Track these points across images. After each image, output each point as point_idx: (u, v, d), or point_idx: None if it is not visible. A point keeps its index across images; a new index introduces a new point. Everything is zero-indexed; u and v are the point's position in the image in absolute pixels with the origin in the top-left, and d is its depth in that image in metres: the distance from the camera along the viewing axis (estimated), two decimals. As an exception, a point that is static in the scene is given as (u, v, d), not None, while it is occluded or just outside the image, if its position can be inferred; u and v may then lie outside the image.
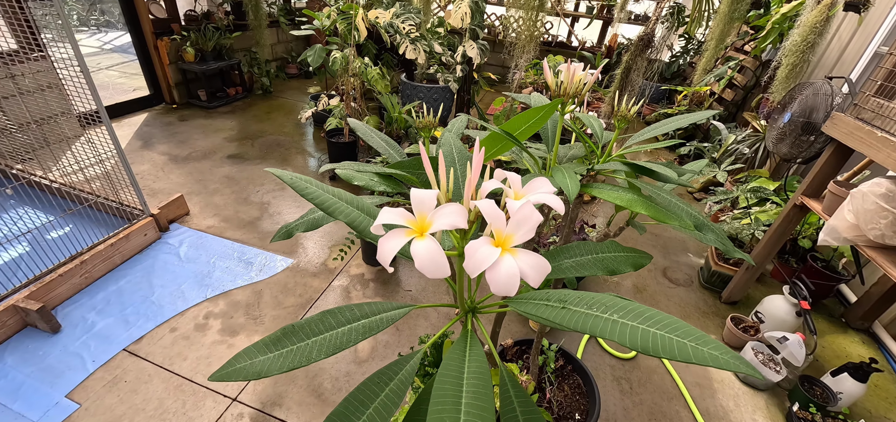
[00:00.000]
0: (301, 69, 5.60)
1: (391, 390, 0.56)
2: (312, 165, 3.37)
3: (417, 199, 0.44)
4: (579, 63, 0.93)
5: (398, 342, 1.87)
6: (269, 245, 2.39)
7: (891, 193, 1.54)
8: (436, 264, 0.40)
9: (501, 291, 0.40)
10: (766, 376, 1.83)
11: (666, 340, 0.41)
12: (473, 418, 0.42)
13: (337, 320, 0.61)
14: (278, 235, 0.87)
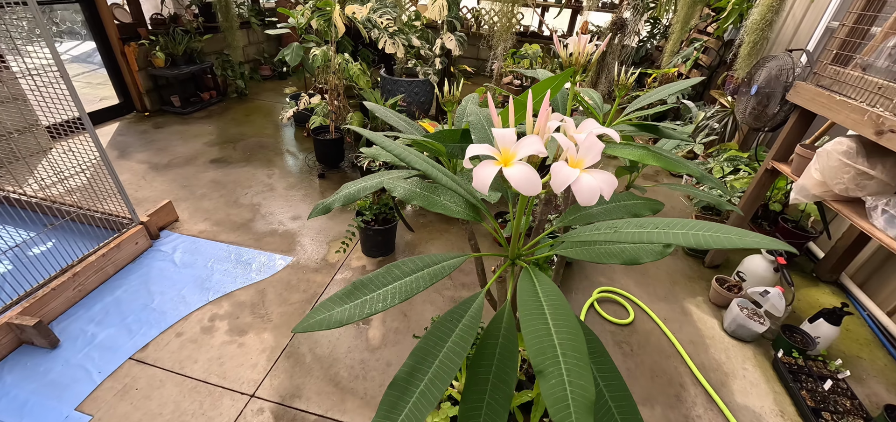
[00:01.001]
0: (275, 70, 5.50)
1: (464, 326, 0.61)
2: (298, 164, 3.34)
3: (500, 136, 0.49)
4: (586, 36, 1.00)
5: (408, 328, 1.91)
6: (266, 245, 2.38)
7: (851, 150, 1.70)
8: (530, 182, 0.46)
9: (586, 200, 0.46)
10: (751, 328, 1.98)
11: (721, 236, 0.48)
12: (560, 324, 0.48)
13: (402, 271, 0.65)
14: (316, 211, 0.90)
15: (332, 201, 0.89)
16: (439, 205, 0.76)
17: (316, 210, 0.90)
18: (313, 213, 0.90)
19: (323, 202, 0.90)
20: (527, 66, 3.71)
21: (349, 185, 0.92)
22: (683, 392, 1.77)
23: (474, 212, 0.74)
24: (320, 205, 0.90)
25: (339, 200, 0.88)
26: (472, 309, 0.64)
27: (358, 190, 0.89)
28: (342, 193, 0.90)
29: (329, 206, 0.89)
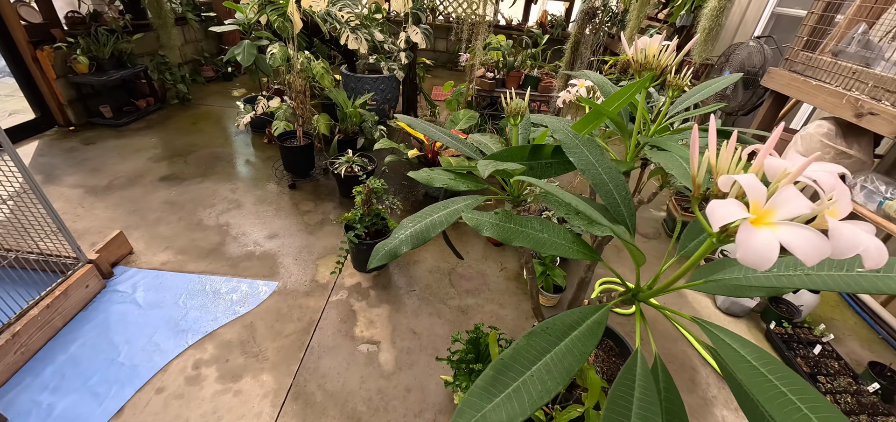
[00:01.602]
0: (219, 71, 5.02)
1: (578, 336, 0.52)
2: (263, 175, 3.05)
3: (751, 186, 0.40)
4: (644, 36, 0.94)
5: (420, 346, 1.79)
6: (244, 270, 2.13)
7: (831, 132, 1.81)
8: (818, 250, 0.36)
9: (873, 263, 0.36)
10: (743, 304, 2.07)
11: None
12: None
13: (547, 341, 0.55)
14: (378, 259, 0.77)
15: (397, 245, 0.76)
16: (536, 239, 0.66)
17: (376, 256, 0.77)
18: (374, 260, 0.76)
19: (386, 247, 0.76)
20: (498, 58, 3.65)
21: (412, 219, 0.79)
22: (697, 375, 1.81)
23: (588, 250, 0.65)
24: (382, 250, 0.76)
25: (407, 242, 0.75)
26: (592, 320, 0.55)
27: (428, 226, 0.77)
28: (407, 233, 0.77)
29: (395, 251, 0.75)
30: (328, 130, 3.25)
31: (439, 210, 0.78)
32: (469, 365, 1.48)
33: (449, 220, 0.76)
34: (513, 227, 0.67)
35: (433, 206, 0.80)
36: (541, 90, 3.54)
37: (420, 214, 0.79)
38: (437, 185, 0.86)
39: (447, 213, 0.77)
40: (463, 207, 0.78)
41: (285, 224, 2.51)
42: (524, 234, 0.65)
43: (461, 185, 0.89)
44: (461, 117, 3.23)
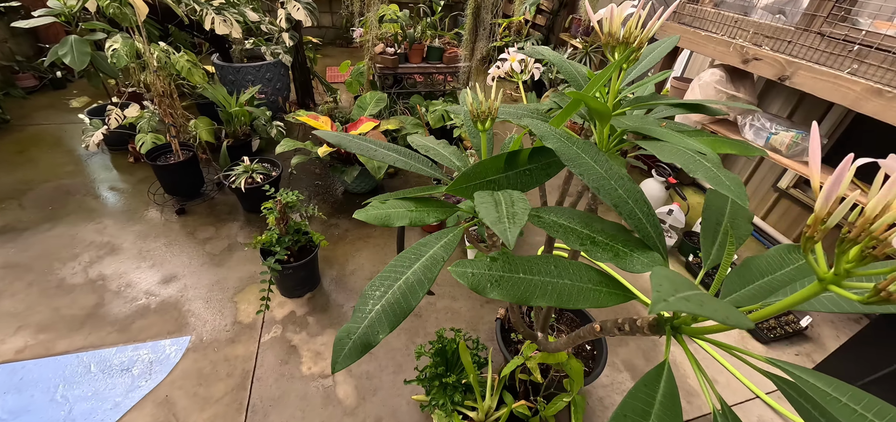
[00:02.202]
0: (44, 79, 3.94)
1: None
2: (137, 204, 2.50)
3: None
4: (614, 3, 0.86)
5: (380, 368, 1.64)
6: (140, 332, 1.72)
7: (722, 78, 2.01)
8: None
9: None
10: (666, 244, 2.29)
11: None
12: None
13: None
14: (346, 361, 0.58)
15: (366, 332, 0.60)
16: (559, 290, 0.56)
17: (342, 355, 0.59)
18: (341, 363, 0.59)
19: (353, 340, 0.58)
20: (396, 31, 3.41)
21: (378, 283, 0.63)
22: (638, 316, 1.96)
23: (623, 290, 0.57)
24: (348, 345, 0.59)
25: (382, 324, 0.58)
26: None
27: (405, 292, 0.61)
28: (377, 308, 0.60)
29: (368, 341, 0.59)
30: (212, 137, 2.77)
31: (410, 262, 0.63)
32: (442, 380, 1.39)
33: (430, 276, 0.61)
34: (523, 278, 0.55)
35: (400, 257, 0.64)
36: (446, 61, 3.43)
37: (387, 275, 0.61)
38: (398, 223, 0.71)
39: (424, 265, 0.62)
40: (442, 253, 0.64)
41: (183, 261, 2.09)
42: (542, 285, 0.54)
43: (428, 216, 0.74)
44: (369, 101, 2.99)
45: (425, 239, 0.67)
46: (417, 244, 0.66)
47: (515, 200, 0.54)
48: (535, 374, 1.32)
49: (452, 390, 1.37)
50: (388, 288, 0.59)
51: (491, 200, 0.55)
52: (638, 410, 0.48)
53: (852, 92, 1.45)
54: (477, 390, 1.38)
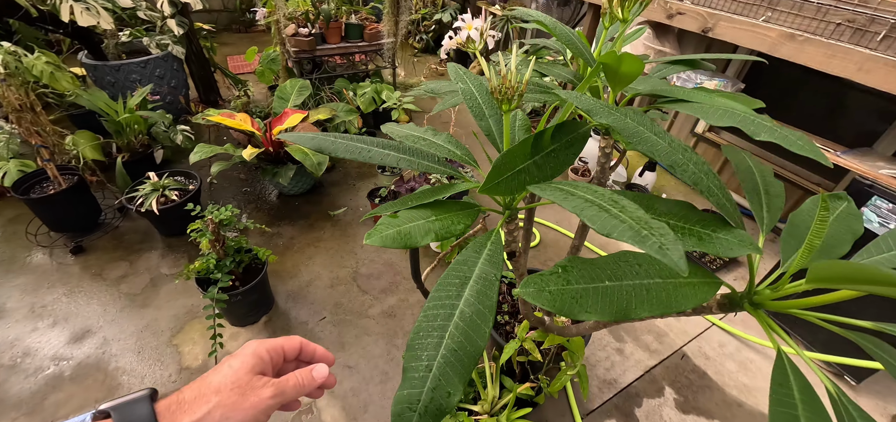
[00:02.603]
0: None
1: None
2: (16, 249, 2.00)
3: None
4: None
5: (364, 380, 1.52)
6: (57, 409, 1.39)
7: (650, 35, 2.11)
8: None
9: None
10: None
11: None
12: None
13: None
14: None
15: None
16: (658, 294, 0.51)
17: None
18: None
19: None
20: (307, 8, 3.07)
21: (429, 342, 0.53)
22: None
23: (714, 279, 0.53)
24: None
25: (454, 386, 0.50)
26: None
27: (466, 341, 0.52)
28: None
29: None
30: (100, 153, 2.31)
31: (457, 288, 0.51)
32: (438, 381, 1.31)
33: (489, 303, 0.51)
34: (612, 286, 0.48)
35: (441, 287, 0.52)
36: (368, 39, 3.19)
37: (433, 314, 0.49)
38: (423, 242, 0.59)
39: (477, 291, 0.51)
40: (491, 270, 0.55)
41: (95, 309, 1.73)
42: (637, 291, 0.47)
43: (456, 224, 0.64)
44: (290, 90, 2.69)
45: (463, 256, 0.58)
46: (456, 264, 0.56)
47: (624, 204, 0.45)
48: (534, 353, 1.31)
49: (451, 390, 1.31)
50: (442, 332, 0.48)
51: (596, 205, 0.45)
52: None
53: (769, 38, 1.59)
54: (479, 382, 1.33)
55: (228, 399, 0.39)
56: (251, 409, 0.40)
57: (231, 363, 0.42)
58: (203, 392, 0.39)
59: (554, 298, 0.46)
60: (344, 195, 2.51)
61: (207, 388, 0.40)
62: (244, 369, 0.42)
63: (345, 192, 2.54)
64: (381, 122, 3.32)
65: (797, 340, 1.80)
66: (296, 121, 2.29)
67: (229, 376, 0.41)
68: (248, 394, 0.40)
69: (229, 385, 0.40)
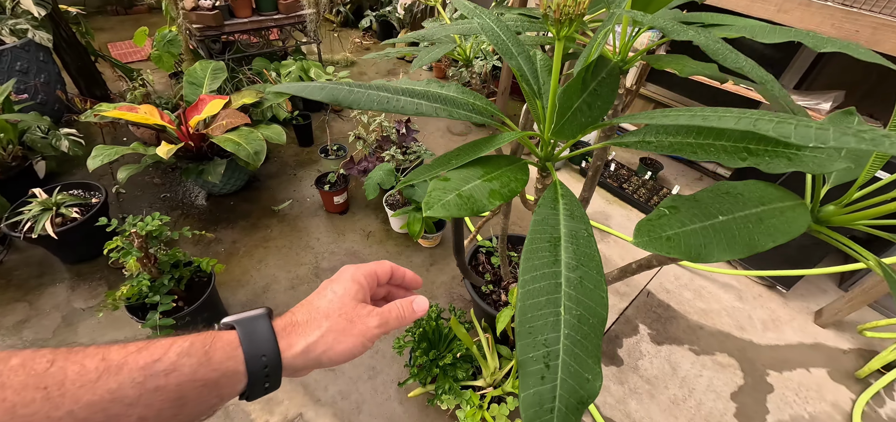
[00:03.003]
0: None
1: None
2: None
3: None
4: None
5: (352, 381, 1.39)
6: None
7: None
8: None
9: None
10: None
11: None
12: None
13: None
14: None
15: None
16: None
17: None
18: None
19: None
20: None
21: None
22: None
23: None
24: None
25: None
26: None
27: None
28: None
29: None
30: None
31: (551, 253, 0.44)
32: (438, 364, 1.23)
33: (594, 261, 0.45)
34: (724, 220, 0.42)
35: (531, 253, 0.45)
36: (284, 11, 2.86)
37: (536, 288, 0.41)
38: (491, 206, 0.50)
39: (576, 253, 0.45)
40: (577, 226, 0.48)
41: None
42: (750, 223, 0.43)
43: (514, 179, 0.55)
44: (202, 74, 2.32)
45: (539, 215, 0.49)
46: (536, 227, 0.47)
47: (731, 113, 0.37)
48: (529, 317, 1.28)
49: (453, 370, 1.24)
50: (555, 308, 0.39)
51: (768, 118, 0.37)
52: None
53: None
54: (478, 355, 1.27)
55: (337, 325, 0.39)
56: (359, 336, 0.40)
57: (334, 289, 0.42)
58: (313, 316, 0.40)
59: (677, 243, 0.40)
60: (285, 187, 2.26)
61: (317, 312, 0.40)
62: (348, 296, 0.42)
63: (285, 183, 2.29)
64: (311, 106, 3.04)
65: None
66: (216, 107, 1.99)
67: (335, 303, 0.41)
68: (355, 322, 0.40)
69: (336, 311, 0.40)
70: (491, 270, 1.60)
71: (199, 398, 0.33)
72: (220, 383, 0.34)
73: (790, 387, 1.57)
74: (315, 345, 0.38)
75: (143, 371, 0.30)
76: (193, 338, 0.34)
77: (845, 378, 1.62)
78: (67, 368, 0.27)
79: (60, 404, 0.26)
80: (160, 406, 0.30)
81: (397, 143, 2.03)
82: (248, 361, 0.35)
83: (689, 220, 0.42)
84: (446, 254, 1.94)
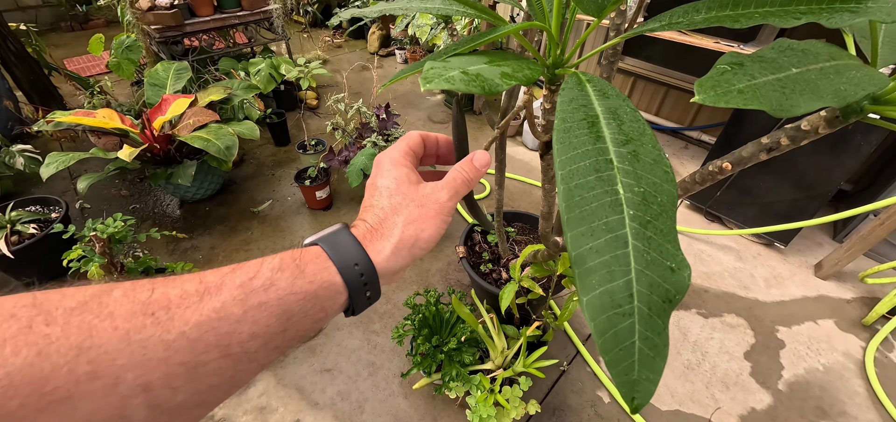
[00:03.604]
0: None
1: None
2: None
3: None
4: None
5: (350, 380, 1.28)
6: None
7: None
8: None
9: None
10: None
11: None
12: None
13: None
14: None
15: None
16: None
17: None
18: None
19: None
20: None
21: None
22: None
23: None
24: None
25: None
26: None
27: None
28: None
29: None
30: None
31: (592, 140, 0.37)
32: (442, 350, 1.14)
33: (658, 154, 0.37)
34: (798, 73, 0.35)
35: (570, 144, 0.37)
36: (248, 7, 2.73)
37: (586, 197, 0.35)
38: (504, 86, 0.45)
39: (630, 151, 0.37)
40: (622, 107, 0.40)
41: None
42: (828, 75, 0.36)
43: (523, 69, 0.46)
44: (165, 74, 2.18)
45: (566, 97, 0.40)
46: (564, 110, 0.39)
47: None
48: (534, 290, 1.20)
49: (459, 355, 1.14)
50: (609, 185, 0.30)
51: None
52: None
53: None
54: (485, 337, 1.18)
55: (411, 215, 0.38)
56: (437, 215, 0.38)
57: (385, 184, 0.39)
58: (383, 217, 0.38)
59: (753, 94, 0.32)
60: (263, 188, 2.13)
61: (384, 211, 0.38)
62: (403, 183, 0.39)
63: (263, 184, 2.16)
64: (284, 104, 2.92)
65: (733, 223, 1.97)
66: (181, 107, 1.86)
67: (397, 196, 0.39)
68: (426, 204, 0.38)
69: (404, 203, 0.38)
70: (488, 248, 1.51)
71: (304, 312, 0.31)
72: (320, 296, 0.33)
73: (801, 341, 1.53)
74: (401, 243, 0.37)
75: (242, 288, 0.29)
76: (282, 255, 0.33)
77: (853, 327, 1.59)
78: (169, 292, 0.27)
79: (170, 327, 0.26)
80: (267, 322, 0.29)
81: (378, 130, 1.94)
82: (343, 271, 0.34)
83: (758, 73, 0.35)
84: (439, 242, 1.85)
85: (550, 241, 1.01)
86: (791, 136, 0.54)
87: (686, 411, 1.28)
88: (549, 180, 0.81)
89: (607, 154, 0.33)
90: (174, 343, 0.25)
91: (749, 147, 0.62)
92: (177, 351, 0.25)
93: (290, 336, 0.31)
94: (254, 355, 0.29)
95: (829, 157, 1.68)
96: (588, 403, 1.27)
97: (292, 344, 0.32)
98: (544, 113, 0.67)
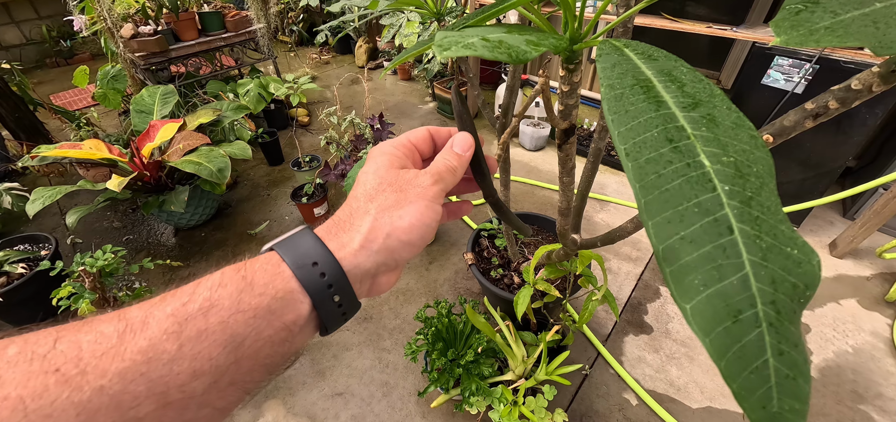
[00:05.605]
0: None
1: None
2: None
3: None
4: None
5: (362, 402, 1.21)
6: None
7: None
8: None
9: None
10: (544, 135, 2.37)
11: None
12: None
13: None
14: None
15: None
16: None
17: None
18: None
19: None
20: (142, 2, 2.44)
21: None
22: (551, 209, 1.99)
23: None
24: None
25: None
26: None
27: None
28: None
29: None
30: None
31: (642, 99, 0.32)
32: (459, 363, 1.08)
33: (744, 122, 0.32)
34: (884, 6, 0.31)
35: (631, 114, 0.32)
36: (232, 28, 2.69)
37: (669, 175, 0.32)
38: (530, 54, 0.39)
39: (681, 93, 0.32)
40: (678, 68, 0.35)
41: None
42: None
43: (547, 38, 0.41)
44: (151, 99, 2.12)
45: (608, 62, 0.35)
46: (608, 70, 0.33)
47: None
48: (550, 292, 1.14)
49: (477, 367, 1.08)
50: (690, 157, 0.24)
51: None
52: None
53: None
54: (503, 346, 1.12)
55: (387, 201, 0.31)
56: (418, 199, 0.32)
57: (367, 171, 0.34)
58: (356, 207, 0.32)
59: (842, 31, 0.27)
60: (259, 210, 2.07)
61: (358, 201, 0.32)
62: (384, 168, 0.34)
63: (259, 206, 2.10)
64: (276, 123, 2.87)
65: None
66: (170, 132, 1.80)
67: (375, 182, 0.33)
68: (405, 188, 0.32)
69: (380, 188, 0.32)
70: (497, 253, 1.46)
71: (258, 334, 0.26)
72: (276, 310, 0.27)
73: (826, 323, 1.48)
74: (373, 232, 0.30)
75: (174, 318, 0.24)
76: (224, 269, 0.28)
77: (876, 304, 1.54)
78: (80, 339, 0.22)
79: (82, 382, 0.20)
80: (210, 353, 0.24)
81: (372, 140, 1.89)
82: (298, 273, 0.28)
83: (840, 9, 0.29)
84: (444, 250, 1.79)
85: (569, 239, 0.95)
86: (841, 97, 0.49)
87: (717, 406, 1.22)
88: (568, 173, 0.75)
89: (676, 121, 0.28)
90: (90, 403, 0.20)
91: (791, 115, 0.56)
92: (95, 412, 0.20)
93: (248, 368, 0.25)
94: (203, 399, 0.23)
95: (836, 133, 1.65)
96: (616, 407, 1.21)
97: (255, 378, 0.26)
98: (562, 96, 0.62)
